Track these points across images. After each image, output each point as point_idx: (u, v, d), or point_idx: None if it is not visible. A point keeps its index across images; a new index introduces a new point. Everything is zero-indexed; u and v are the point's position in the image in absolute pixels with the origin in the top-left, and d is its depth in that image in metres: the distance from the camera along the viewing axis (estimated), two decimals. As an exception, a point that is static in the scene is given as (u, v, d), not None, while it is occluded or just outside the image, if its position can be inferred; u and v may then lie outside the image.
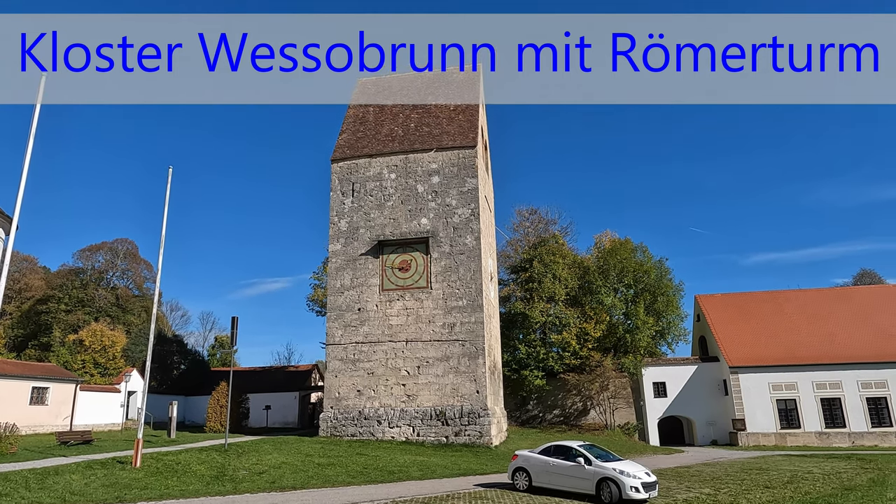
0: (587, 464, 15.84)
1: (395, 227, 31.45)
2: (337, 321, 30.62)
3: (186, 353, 56.40)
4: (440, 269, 30.30)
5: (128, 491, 14.99)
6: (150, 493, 14.86)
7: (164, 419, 36.98)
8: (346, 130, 35.00)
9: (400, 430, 28.17)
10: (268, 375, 54.39)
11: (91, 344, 43.55)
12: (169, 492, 15.27)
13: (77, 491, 14.54)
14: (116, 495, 14.35)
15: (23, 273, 58.89)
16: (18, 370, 31.60)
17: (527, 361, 40.78)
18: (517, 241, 50.12)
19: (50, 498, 13.56)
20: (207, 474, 17.94)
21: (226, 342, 64.71)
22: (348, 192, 32.61)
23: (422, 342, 29.42)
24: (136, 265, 59.13)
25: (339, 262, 31.62)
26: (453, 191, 31.37)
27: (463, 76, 36.61)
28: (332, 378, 29.95)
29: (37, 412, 30.42)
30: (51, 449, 22.90)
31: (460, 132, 32.83)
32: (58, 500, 13.41)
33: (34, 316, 54.00)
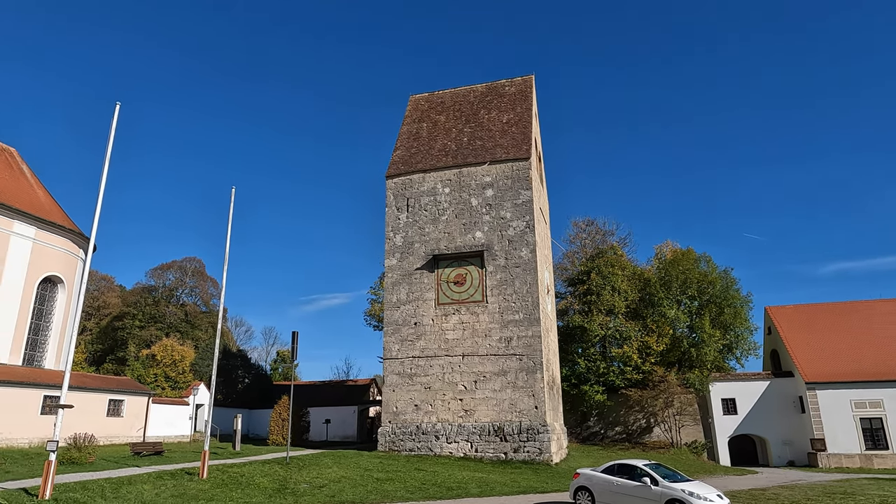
0: (654, 484, 15.14)
1: (449, 241, 31.47)
2: (394, 336, 30.80)
3: (250, 367, 58.19)
4: (496, 283, 30.04)
5: (195, 502, 15.41)
6: (215, 505, 15.22)
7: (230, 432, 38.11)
8: (399, 147, 35.46)
9: (458, 446, 27.91)
10: (327, 389, 55.33)
11: (162, 358, 45.54)
12: (233, 504, 15.59)
13: (148, 501, 15.07)
14: (184, 506, 14.77)
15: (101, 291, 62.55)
16: (97, 383, 33.35)
17: (586, 376, 39.77)
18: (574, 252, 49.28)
19: (123, 507, 14.09)
20: (270, 487, 18.24)
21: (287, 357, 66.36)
22: (403, 207, 32.93)
23: (478, 356, 29.16)
24: (204, 283, 61.69)
25: (394, 277, 31.88)
26: (507, 203, 31.15)
27: (515, 87, 36.48)
28: (390, 392, 30.07)
29: (113, 423, 31.96)
30: (125, 459, 23.94)
31: (513, 144, 32.64)
32: (131, 510, 13.93)
33: (111, 332, 57.14)
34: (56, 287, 33.92)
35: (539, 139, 38.13)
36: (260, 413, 48.90)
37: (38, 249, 32.28)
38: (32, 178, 36.06)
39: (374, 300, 50.04)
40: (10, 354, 30.40)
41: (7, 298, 30.48)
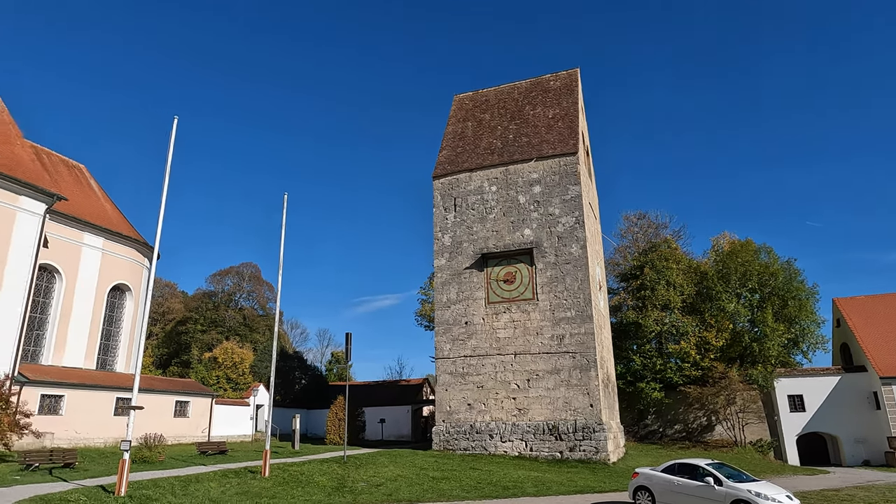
0: (717, 484, 14.64)
1: (498, 239, 31.35)
2: (445, 335, 30.93)
3: (306, 368, 59.63)
4: (546, 280, 29.73)
5: (258, 500, 15.92)
6: (278, 503, 15.69)
7: (288, 431, 39.19)
8: (445, 147, 35.58)
9: (512, 445, 27.78)
10: (381, 389, 56.09)
11: (223, 361, 47.28)
12: (294, 501, 16.03)
13: (214, 498, 15.67)
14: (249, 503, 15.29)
15: (165, 297, 65.47)
16: (164, 386, 34.94)
17: (642, 373, 38.84)
18: (626, 247, 48.19)
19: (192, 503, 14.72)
20: (329, 485, 18.65)
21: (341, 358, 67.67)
22: (450, 207, 33.03)
23: (530, 355, 28.93)
24: (260, 287, 63.65)
25: (444, 277, 32.01)
26: (556, 199, 30.77)
27: (560, 81, 35.98)
28: (443, 392, 30.22)
29: (179, 424, 33.39)
30: (192, 458, 24.98)
31: (560, 139, 32.22)
32: (199, 507, 14.53)
33: (175, 336, 59.71)
34: (124, 294, 35.71)
35: (586, 133, 37.49)
36: (317, 413, 50.05)
37: (106, 259, 34.06)
38: (100, 192, 38.09)
39: (424, 300, 50.42)
40: (84, 359, 32.21)
41: (81, 306, 32.31)
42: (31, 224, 26.94)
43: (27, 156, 29.19)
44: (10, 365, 24.83)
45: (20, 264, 26.25)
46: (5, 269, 25.63)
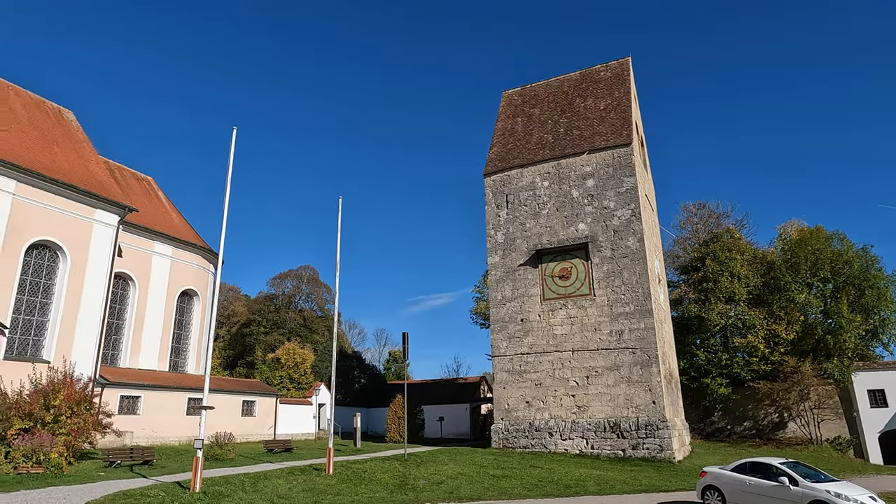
0: (793, 484, 13.97)
1: (551, 234, 30.98)
2: (501, 333, 30.84)
3: (365, 367, 60.74)
4: (602, 275, 29.16)
5: (324, 496, 16.33)
6: (343, 499, 16.05)
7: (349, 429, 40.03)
8: (496, 144, 35.44)
9: (573, 443, 27.42)
10: (439, 388, 56.49)
11: (286, 361, 48.76)
12: (359, 498, 16.35)
13: (283, 494, 16.19)
14: (315, 500, 15.71)
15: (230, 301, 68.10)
16: (232, 386, 36.37)
17: (707, 369, 37.53)
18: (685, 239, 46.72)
19: (262, 500, 15.25)
20: (391, 483, 18.94)
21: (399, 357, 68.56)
22: (502, 204, 32.88)
23: (589, 351, 28.46)
24: (318, 289, 65.31)
25: (498, 275, 31.91)
26: (610, 192, 30.13)
27: (611, 71, 35.18)
28: (501, 389, 30.14)
29: (246, 423, 34.69)
30: (259, 455, 25.90)
31: (613, 131, 31.51)
32: (268, 503, 15.04)
33: (240, 338, 62.05)
34: (192, 299, 37.38)
35: (640, 123, 36.52)
36: (376, 411, 50.92)
37: (175, 266, 35.75)
38: (167, 203, 40.01)
39: (478, 298, 50.46)
40: (158, 361, 33.92)
41: (153, 311, 34.05)
42: (106, 235, 28.58)
43: (101, 171, 30.97)
44: (92, 368, 26.44)
45: (98, 273, 27.90)
46: (85, 278, 27.30)
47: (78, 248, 27.22)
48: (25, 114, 29.57)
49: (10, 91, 29.97)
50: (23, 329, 25.26)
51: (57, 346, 25.70)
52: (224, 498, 14.87)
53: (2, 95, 28.99)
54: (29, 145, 27.49)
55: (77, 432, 20.37)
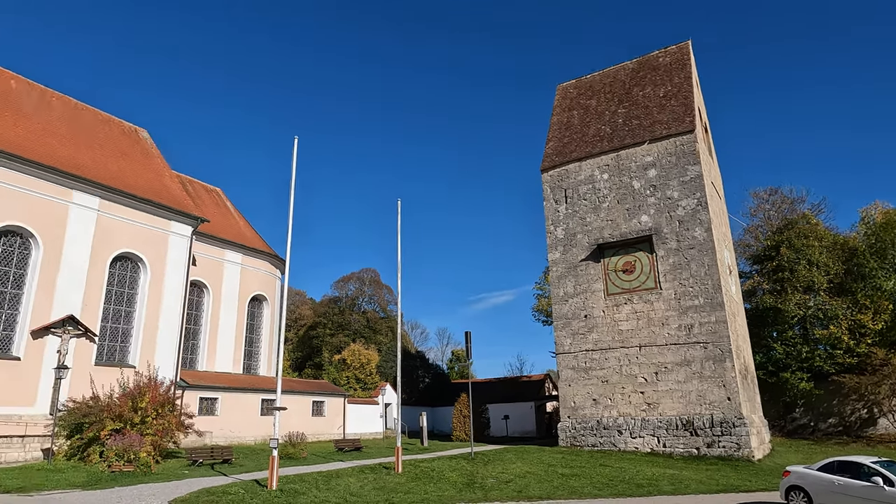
0: (888, 485, 13.06)
1: (613, 228, 30.28)
2: (564, 330, 30.41)
3: (428, 367, 61.29)
4: (669, 268, 28.24)
5: (394, 494, 16.61)
6: (413, 497, 16.28)
7: (415, 428, 40.53)
8: (552, 138, 34.97)
9: (643, 441, 26.69)
10: (503, 386, 56.31)
11: (352, 362, 49.91)
12: (428, 497, 16.53)
13: (354, 492, 16.58)
14: (386, 498, 16.02)
15: (296, 305, 70.36)
16: (301, 387, 37.57)
17: (786, 362, 35.64)
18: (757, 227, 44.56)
19: (335, 497, 15.68)
20: (459, 481, 19.04)
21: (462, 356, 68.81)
22: (561, 199, 32.42)
23: (656, 347, 27.63)
24: (380, 290, 66.46)
25: (559, 271, 31.48)
26: (674, 182, 29.13)
27: (670, 57, 34.00)
28: (566, 387, 29.72)
29: (316, 422, 35.74)
30: (330, 454, 26.63)
31: (674, 118, 30.46)
32: (341, 500, 15.45)
33: (307, 340, 63.97)
34: (261, 304, 38.87)
35: (703, 109, 35.13)
36: (441, 410, 51.29)
37: (245, 273, 37.28)
38: (235, 212, 41.77)
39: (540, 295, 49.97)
40: (232, 364, 35.46)
41: (226, 317, 35.63)
42: (181, 245, 30.15)
43: (175, 185, 32.69)
44: (174, 372, 27.96)
45: (175, 282, 29.47)
46: (163, 286, 28.91)
47: (156, 259, 28.84)
48: (105, 134, 31.59)
49: (91, 114, 32.08)
50: (111, 336, 27.00)
51: (141, 351, 27.33)
52: (300, 495, 15.39)
53: (83, 119, 31.09)
54: (110, 164, 29.37)
55: (162, 432, 21.61)
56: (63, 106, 30.48)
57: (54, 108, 29.62)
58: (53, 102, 29.98)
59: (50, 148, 26.51)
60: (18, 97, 28.05)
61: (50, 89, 30.54)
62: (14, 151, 23.86)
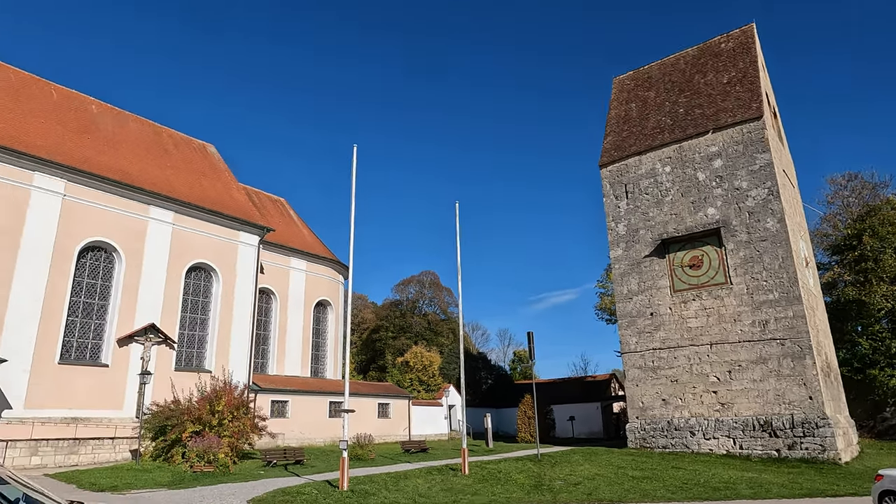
0: None
1: (678, 222, 29.30)
2: (629, 328, 29.66)
3: (491, 368, 61.21)
4: (739, 261, 27.04)
5: (462, 496, 16.68)
6: (480, 499, 16.29)
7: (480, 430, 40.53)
8: (610, 133, 34.21)
9: (717, 442, 25.65)
10: (567, 386, 55.50)
11: (414, 364, 50.43)
12: (496, 498, 16.50)
13: (423, 493, 16.76)
14: (453, 499, 16.10)
15: (359, 309, 71.82)
16: (367, 389, 38.34)
17: (873, 358, 33.45)
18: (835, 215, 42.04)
19: (404, 498, 15.90)
20: (527, 483, 18.90)
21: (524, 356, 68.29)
22: (622, 194, 31.66)
23: (729, 344, 26.51)
24: (440, 293, 66.90)
25: (622, 268, 30.74)
26: (742, 171, 27.89)
27: (733, 41, 32.58)
28: (633, 387, 28.97)
29: (382, 424, 36.37)
30: (397, 456, 27.02)
31: (740, 105, 29.17)
32: (410, 501, 15.65)
33: (370, 343, 65.17)
34: (326, 309, 39.94)
35: (771, 93, 33.48)
36: (505, 411, 51.07)
37: (309, 279, 38.42)
38: (299, 220, 43.13)
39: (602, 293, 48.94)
40: (301, 368, 36.60)
41: (293, 322, 36.83)
42: (249, 255, 31.41)
43: (242, 197, 34.10)
44: (247, 376, 29.15)
45: (245, 290, 30.73)
46: (234, 294, 30.19)
47: (227, 268, 30.17)
48: (177, 151, 33.34)
49: (164, 133, 33.94)
50: (188, 343, 28.44)
51: (216, 357, 28.64)
52: (370, 496, 15.70)
53: (157, 138, 32.93)
54: (182, 179, 30.97)
55: (238, 434, 22.56)
56: (139, 127, 32.38)
57: (131, 130, 31.51)
58: (130, 124, 31.90)
59: (128, 167, 28.23)
60: (99, 121, 30.01)
61: (126, 111, 32.52)
62: (98, 172, 25.57)
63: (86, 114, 29.68)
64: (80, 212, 24.82)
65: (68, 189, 24.54)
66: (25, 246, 22.84)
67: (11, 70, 28.11)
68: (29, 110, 26.51)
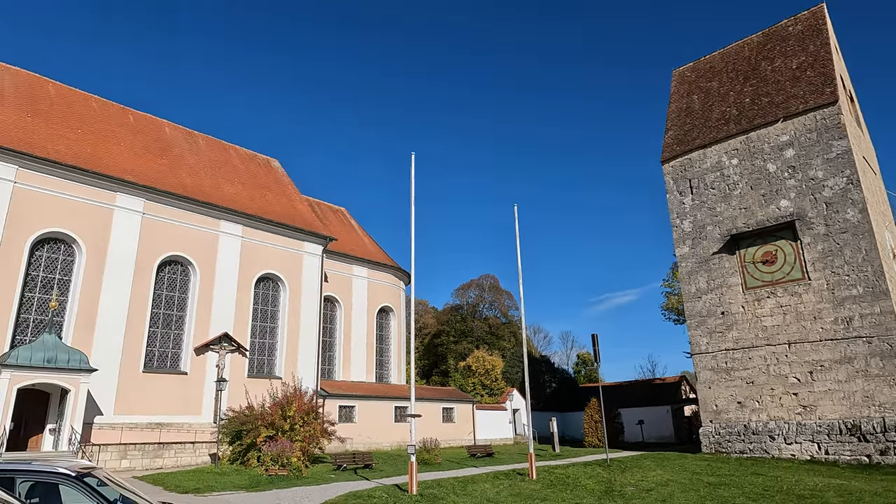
0: None
1: (747, 216, 28.04)
2: (699, 328, 28.59)
3: (554, 371, 60.35)
4: (817, 255, 25.59)
5: (530, 501, 16.52)
6: (550, 505, 16.10)
7: (545, 434, 40.03)
8: (671, 127, 33.18)
9: (800, 447, 24.30)
10: (634, 389, 53.98)
11: (477, 368, 50.44)
12: (566, 504, 16.27)
13: (491, 498, 16.72)
14: (522, 504, 15.98)
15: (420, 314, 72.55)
16: (431, 394, 38.64)
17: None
18: (924, 202, 38.98)
19: (472, 503, 15.92)
20: (597, 489, 18.51)
21: (588, 359, 67.02)
22: (686, 190, 30.62)
23: (808, 343, 25.09)
24: (500, 296, 66.69)
25: (689, 266, 29.70)
26: (816, 160, 26.41)
27: (802, 24, 30.96)
28: (706, 389, 27.88)
29: (447, 429, 36.55)
30: (463, 460, 27.06)
31: (812, 90, 27.65)
32: (478, 506, 15.66)
33: (432, 348, 65.70)
34: (388, 315, 40.61)
35: (846, 76, 31.57)
36: (570, 415, 50.23)
37: (371, 286, 39.19)
38: (359, 229, 44.10)
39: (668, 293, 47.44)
40: (365, 373, 37.35)
41: (357, 328, 37.66)
42: (314, 264, 32.39)
43: (305, 209, 35.23)
44: (315, 382, 30.02)
45: (311, 298, 31.69)
46: (301, 303, 31.18)
47: (293, 277, 31.21)
48: (244, 168, 34.83)
49: (231, 150, 35.53)
50: (259, 350, 29.59)
51: (286, 363, 29.65)
52: (439, 500, 15.81)
53: (225, 155, 34.51)
54: (249, 194, 32.32)
55: (309, 439, 23.24)
56: (208, 145, 34.06)
57: (201, 149, 33.18)
58: (200, 143, 33.60)
59: (201, 184, 29.74)
60: (173, 141, 31.77)
61: (196, 132, 34.26)
62: (174, 190, 27.07)
63: (161, 135, 31.48)
64: (159, 228, 26.34)
65: (147, 207, 26.10)
66: (110, 262, 24.45)
67: (93, 98, 30.20)
68: (110, 133, 28.39)
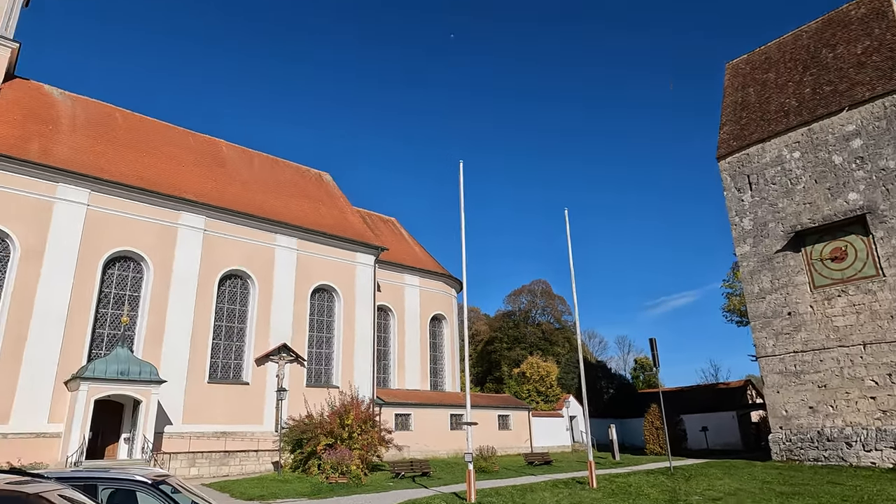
0: None
1: (813, 211, 26.73)
2: (764, 330, 27.39)
3: (611, 377, 59.05)
4: (892, 250, 24.11)
5: (592, 510, 16.21)
6: (611, 514, 15.73)
7: (603, 441, 39.15)
8: (726, 122, 32.07)
9: (881, 455, 22.84)
10: (696, 394, 52.12)
11: (531, 375, 49.91)
12: (628, 514, 15.85)
13: (551, 507, 16.49)
14: (583, 514, 15.68)
15: (472, 321, 72.50)
16: (486, 401, 38.51)
17: None
18: None
19: (532, 512, 15.76)
20: (661, 498, 17.95)
21: (646, 364, 65.23)
22: (744, 186, 29.48)
23: (887, 344, 23.62)
24: (552, 301, 65.88)
25: (751, 265, 28.53)
26: (888, 149, 24.93)
27: (864, 7, 29.39)
28: (773, 394, 26.64)
29: (503, 436, 36.28)
30: (521, 468, 26.80)
31: (879, 76, 26.17)
32: (538, 515, 15.48)
33: (486, 355, 65.47)
34: (441, 323, 40.78)
35: (917, 58, 29.67)
36: (629, 422, 48.94)
37: (423, 294, 39.48)
38: (410, 238, 44.56)
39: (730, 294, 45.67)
40: (420, 381, 37.58)
41: (411, 336, 37.99)
42: (366, 274, 32.93)
43: (357, 220, 35.91)
44: (371, 390, 30.43)
45: (364, 308, 32.21)
46: (355, 312, 31.73)
47: (347, 288, 31.82)
48: (297, 182, 35.85)
49: (284, 166, 36.65)
50: (316, 360, 30.27)
51: (342, 373, 30.21)
52: (497, 509, 15.71)
53: (278, 172, 35.61)
54: (302, 207, 33.22)
55: (367, 447, 23.56)
56: (262, 162, 35.25)
57: (256, 166, 34.37)
58: (255, 161, 34.81)
59: (257, 200, 30.79)
60: (229, 160, 33.05)
61: (250, 150, 35.53)
62: (233, 207, 28.14)
63: (219, 155, 32.82)
64: (219, 244, 27.42)
65: (208, 224, 27.22)
66: (176, 278, 25.60)
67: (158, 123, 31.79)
68: (173, 156, 29.81)
